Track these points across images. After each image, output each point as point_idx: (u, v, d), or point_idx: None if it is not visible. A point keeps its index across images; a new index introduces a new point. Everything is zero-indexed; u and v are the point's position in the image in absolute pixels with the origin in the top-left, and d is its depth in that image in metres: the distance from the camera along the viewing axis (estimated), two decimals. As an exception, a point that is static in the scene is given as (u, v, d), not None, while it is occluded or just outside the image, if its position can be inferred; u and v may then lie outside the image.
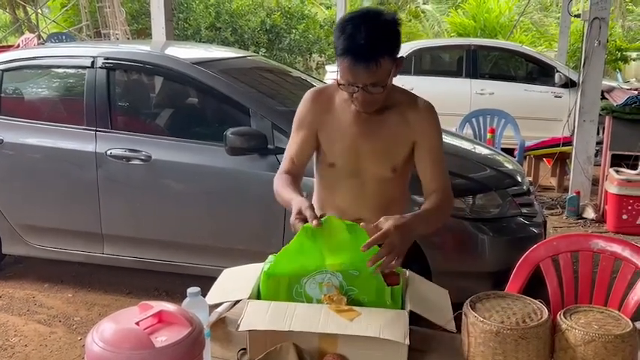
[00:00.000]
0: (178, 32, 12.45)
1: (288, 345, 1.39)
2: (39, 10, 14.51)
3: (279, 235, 3.19)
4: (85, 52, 3.73)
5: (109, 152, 3.40)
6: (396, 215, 1.56)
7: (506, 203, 3.21)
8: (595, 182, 5.57)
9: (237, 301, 1.65)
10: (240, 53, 4.80)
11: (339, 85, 1.64)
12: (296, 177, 1.81)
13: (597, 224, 5.09)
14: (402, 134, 1.76)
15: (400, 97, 1.77)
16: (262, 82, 4.00)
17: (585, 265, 1.91)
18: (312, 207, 1.56)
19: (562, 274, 1.92)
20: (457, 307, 1.48)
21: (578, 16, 5.62)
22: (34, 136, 3.58)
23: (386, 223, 1.51)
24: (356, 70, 1.57)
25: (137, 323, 1.15)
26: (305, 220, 1.53)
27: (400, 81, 1.81)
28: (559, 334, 1.31)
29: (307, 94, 1.82)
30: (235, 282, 1.66)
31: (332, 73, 8.11)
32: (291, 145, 1.84)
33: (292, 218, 1.57)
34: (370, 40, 1.55)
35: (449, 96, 7.21)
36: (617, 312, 1.37)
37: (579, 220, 5.20)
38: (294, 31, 13.71)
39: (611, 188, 4.84)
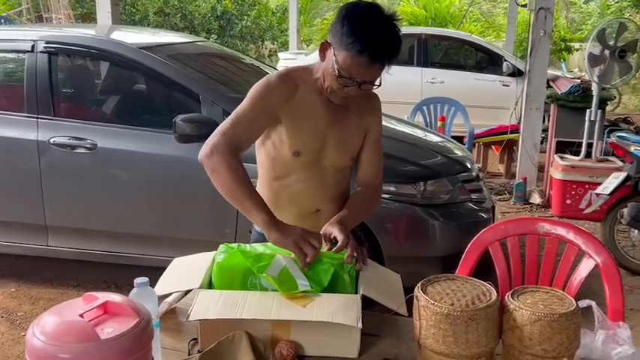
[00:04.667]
0: (125, 17, 12.10)
1: (240, 333, 1.37)
2: (-25, -7, 13.79)
3: (231, 224, 3.15)
4: (25, 35, 3.56)
5: (52, 140, 3.27)
6: (337, 219, 1.65)
7: (456, 189, 3.27)
8: (541, 168, 5.75)
9: (188, 291, 1.61)
10: (190, 39, 4.69)
11: (339, 77, 1.57)
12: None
13: (543, 209, 5.26)
14: (359, 124, 1.78)
15: None
16: (213, 69, 3.93)
17: (532, 248, 1.96)
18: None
19: (510, 257, 1.97)
20: (409, 291, 1.49)
21: (525, 6, 5.75)
22: (-29, 124, 3.41)
23: (339, 232, 1.59)
24: (369, 69, 1.55)
25: (81, 315, 1.11)
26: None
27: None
28: (507, 314, 1.34)
29: (273, 78, 1.69)
30: (185, 271, 1.62)
31: (285, 61, 8.05)
32: (247, 126, 1.65)
33: (311, 236, 1.54)
34: (390, 43, 1.55)
35: (401, 84, 7.24)
36: (561, 292, 1.41)
37: (526, 205, 5.37)
38: (245, 17, 13.54)
39: (556, 174, 5.01)
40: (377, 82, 1.62)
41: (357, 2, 1.60)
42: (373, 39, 1.52)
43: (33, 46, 3.38)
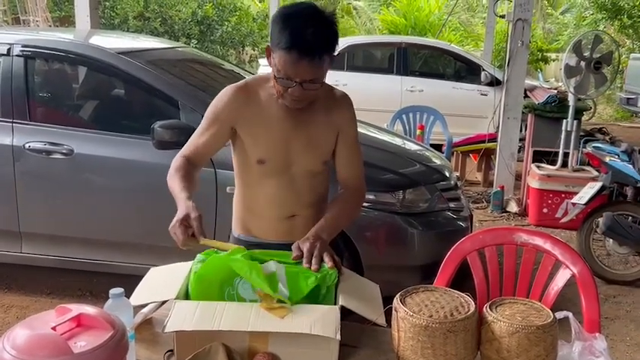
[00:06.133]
0: (105, 21, 11.96)
1: (217, 345, 1.35)
2: (-50, -7, 13.53)
3: (209, 232, 3.11)
4: (1, 38, 3.49)
5: (27, 145, 3.21)
6: (313, 233, 1.62)
7: (435, 198, 3.28)
8: (518, 177, 5.81)
9: (164, 302, 1.59)
10: (170, 44, 4.66)
11: (275, 78, 1.59)
12: (196, 167, 1.76)
13: (520, 217, 5.31)
14: (328, 126, 1.76)
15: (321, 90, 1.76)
16: (193, 75, 3.90)
17: (509, 258, 1.98)
18: (200, 219, 1.56)
19: (488, 267, 1.98)
20: (387, 300, 1.49)
21: (503, 16, 5.83)
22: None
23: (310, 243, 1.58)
24: (299, 65, 1.54)
25: (54, 328, 1.08)
26: (187, 227, 1.56)
27: (333, 77, 1.81)
28: (485, 326, 1.34)
29: (226, 90, 1.74)
30: (162, 281, 1.60)
31: (265, 67, 8.03)
32: (200, 137, 1.76)
33: (175, 224, 1.56)
34: (318, 37, 1.54)
35: (380, 92, 7.34)
36: (539, 304, 1.42)
37: (503, 214, 5.42)
38: (226, 23, 13.49)
39: (533, 183, 5.07)
40: (320, 81, 1.61)
41: (291, 4, 1.63)
42: (299, 34, 1.52)
43: (9, 50, 3.33)
